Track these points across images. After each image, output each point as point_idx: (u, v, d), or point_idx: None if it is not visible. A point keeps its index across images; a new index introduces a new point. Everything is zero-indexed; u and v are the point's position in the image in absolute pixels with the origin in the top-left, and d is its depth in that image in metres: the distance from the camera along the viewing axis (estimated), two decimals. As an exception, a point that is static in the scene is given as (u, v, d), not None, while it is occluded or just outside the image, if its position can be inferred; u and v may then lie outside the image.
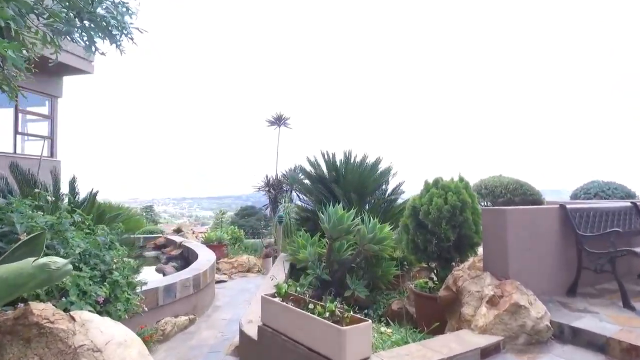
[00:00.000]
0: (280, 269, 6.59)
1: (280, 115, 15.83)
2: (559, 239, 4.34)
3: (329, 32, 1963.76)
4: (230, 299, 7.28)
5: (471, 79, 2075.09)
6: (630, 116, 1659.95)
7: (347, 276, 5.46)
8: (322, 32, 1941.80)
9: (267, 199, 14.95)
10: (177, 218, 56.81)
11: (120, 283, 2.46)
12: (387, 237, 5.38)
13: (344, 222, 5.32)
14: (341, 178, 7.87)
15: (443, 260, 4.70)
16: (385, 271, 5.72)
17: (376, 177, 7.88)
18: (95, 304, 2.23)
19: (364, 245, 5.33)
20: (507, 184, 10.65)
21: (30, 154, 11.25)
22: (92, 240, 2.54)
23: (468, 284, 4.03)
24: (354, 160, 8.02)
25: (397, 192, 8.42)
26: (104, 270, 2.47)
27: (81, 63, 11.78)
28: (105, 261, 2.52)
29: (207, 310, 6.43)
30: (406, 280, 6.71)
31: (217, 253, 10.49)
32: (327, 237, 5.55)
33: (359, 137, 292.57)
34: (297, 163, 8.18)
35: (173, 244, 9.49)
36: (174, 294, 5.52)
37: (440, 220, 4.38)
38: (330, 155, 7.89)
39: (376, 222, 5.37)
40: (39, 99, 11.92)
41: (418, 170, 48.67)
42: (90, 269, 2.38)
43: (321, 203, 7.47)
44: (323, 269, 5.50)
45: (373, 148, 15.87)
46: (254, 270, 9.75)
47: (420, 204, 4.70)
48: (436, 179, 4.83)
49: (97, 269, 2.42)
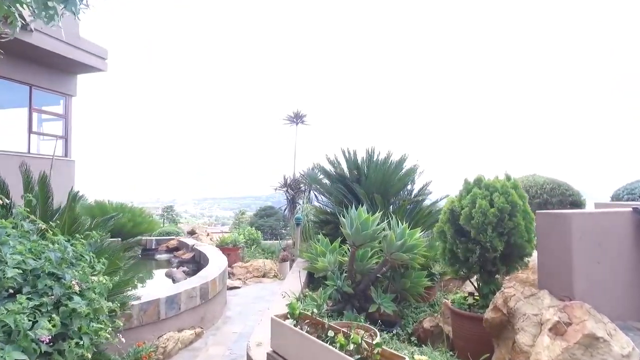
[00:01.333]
0: (297, 278, 5.93)
1: (298, 112, 15.19)
2: (634, 250, 3.53)
3: (348, 27, 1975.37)
4: (243, 308, 6.66)
5: (495, 75, 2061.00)
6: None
7: (372, 288, 4.75)
8: (341, 27, 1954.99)
9: (286, 200, 14.33)
10: (198, 218, 56.83)
11: (80, 312, 1.85)
12: (418, 244, 4.64)
13: (368, 227, 4.61)
14: (363, 177, 7.16)
15: (486, 274, 3.94)
16: (415, 282, 4.98)
17: (401, 176, 7.13)
18: (38, 344, 1.62)
19: (391, 254, 4.61)
20: (543, 184, 9.70)
21: (44, 154, 10.94)
22: (46, 255, 1.94)
23: (522, 305, 3.26)
24: (376, 158, 7.30)
25: (423, 192, 7.65)
26: (60, 296, 1.86)
27: (95, 61, 11.41)
28: (64, 283, 1.92)
29: (216, 322, 5.82)
30: (436, 292, 5.95)
31: (232, 256, 9.92)
32: (349, 244, 4.85)
33: (379, 135, 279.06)
34: (316, 162, 7.49)
35: (185, 246, 8.95)
36: (178, 305, 4.92)
37: (485, 226, 3.62)
38: (352, 152, 7.18)
39: (405, 227, 4.64)
40: (53, 97, 11.61)
41: (443, 170, 46.67)
42: (39, 296, 1.78)
43: (342, 204, 6.78)
44: (344, 280, 4.80)
45: (395, 146, 14.88)
46: (270, 275, 9.12)
47: (459, 207, 3.95)
48: (478, 176, 4.07)
49: (48, 294, 1.81)
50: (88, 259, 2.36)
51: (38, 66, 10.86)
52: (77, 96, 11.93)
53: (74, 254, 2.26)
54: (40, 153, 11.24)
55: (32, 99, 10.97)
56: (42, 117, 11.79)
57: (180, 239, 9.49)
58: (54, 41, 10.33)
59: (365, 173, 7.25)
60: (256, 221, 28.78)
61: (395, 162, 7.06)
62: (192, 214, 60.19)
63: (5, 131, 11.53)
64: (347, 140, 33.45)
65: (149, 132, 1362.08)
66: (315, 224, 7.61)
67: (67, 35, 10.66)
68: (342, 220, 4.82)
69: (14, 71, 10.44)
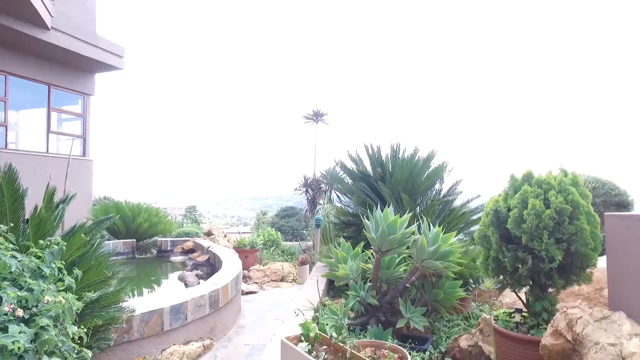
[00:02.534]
0: (315, 284, 5.37)
1: (318, 110, 14.63)
2: None
3: (368, 24, 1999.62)
4: (258, 317, 6.15)
5: (524, 68, 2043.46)
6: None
7: (400, 300, 4.14)
8: (362, 24, 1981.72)
9: (306, 200, 13.80)
10: (220, 218, 57.23)
11: (13, 349, 1.34)
12: (453, 251, 4.01)
13: (396, 231, 4.00)
14: (387, 175, 6.54)
15: (537, 288, 3.27)
16: (448, 293, 4.33)
17: (429, 174, 6.48)
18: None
19: (422, 261, 3.99)
20: (585, 183, 8.80)
21: (63, 154, 10.76)
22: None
23: (593, 331, 2.60)
24: (402, 154, 6.66)
25: (453, 192, 6.97)
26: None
27: (112, 59, 11.18)
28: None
29: (228, 333, 5.32)
30: (470, 302, 5.28)
31: (249, 259, 9.45)
32: (373, 250, 4.25)
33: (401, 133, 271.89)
34: (338, 159, 6.91)
35: (201, 248, 8.53)
36: (184, 315, 4.43)
37: (539, 231, 2.97)
38: (375, 148, 6.57)
39: (439, 231, 4.02)
40: (71, 97, 11.44)
41: (471, 168, 44.82)
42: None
43: (365, 205, 6.18)
44: (368, 290, 4.20)
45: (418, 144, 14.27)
46: (288, 279, 8.59)
47: (504, 208, 3.30)
48: (528, 171, 3.40)
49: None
50: (49, 271, 1.87)
51: (56, 65, 10.69)
52: (95, 95, 11.73)
53: (29, 268, 1.77)
54: (59, 153, 11.07)
55: (51, 98, 10.80)
56: (61, 116, 11.65)
57: (195, 241, 9.08)
58: (72, 39, 10.11)
59: (390, 171, 6.63)
60: (277, 222, 28.46)
61: (423, 158, 6.41)
62: (215, 214, 60.68)
63: (25, 131, 11.44)
64: (368, 138, 32.18)
65: (169, 131, 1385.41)
66: (336, 226, 7.03)
67: (84, 33, 10.44)
68: (365, 222, 4.23)
69: (33, 71, 10.29)
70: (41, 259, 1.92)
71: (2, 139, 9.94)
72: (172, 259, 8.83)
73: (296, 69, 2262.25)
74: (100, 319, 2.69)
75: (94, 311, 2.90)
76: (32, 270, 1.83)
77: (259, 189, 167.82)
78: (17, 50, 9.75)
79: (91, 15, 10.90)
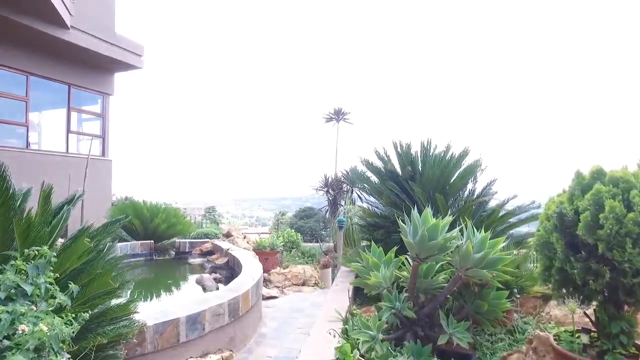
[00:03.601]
0: (340, 292, 4.94)
1: (339, 109, 14.17)
2: None
3: (388, 23, 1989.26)
4: (280, 324, 5.74)
5: (557, 62, 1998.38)
6: None
7: (440, 313, 3.66)
8: (382, 23, 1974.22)
9: (326, 201, 13.35)
10: (239, 219, 57.22)
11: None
12: (503, 258, 3.51)
13: (437, 236, 3.52)
14: (417, 174, 6.05)
15: (612, 305, 2.75)
16: (493, 305, 3.83)
17: (463, 173, 5.96)
18: None
19: (466, 270, 3.50)
20: None
21: (82, 154, 10.60)
22: None
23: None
24: (433, 151, 6.16)
25: (488, 192, 6.42)
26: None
27: (131, 58, 10.98)
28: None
29: (248, 343, 4.92)
30: (512, 313, 4.74)
31: (269, 261, 9.06)
32: (410, 256, 3.78)
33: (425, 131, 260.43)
34: (363, 157, 6.45)
35: (220, 250, 8.19)
36: (202, 325, 4.05)
37: (621, 238, 2.46)
38: (405, 145, 6.09)
39: (486, 236, 3.52)
40: (91, 97, 11.30)
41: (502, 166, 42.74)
42: None
43: (394, 206, 5.71)
44: (404, 301, 3.73)
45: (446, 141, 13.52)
46: (310, 282, 8.16)
47: (570, 210, 2.79)
48: (597, 168, 2.88)
49: None
50: (31, 289, 1.49)
51: (76, 65, 10.55)
52: (114, 95, 11.57)
53: (6, 286, 1.40)
54: (79, 153, 10.94)
55: (71, 98, 10.66)
56: (82, 116, 11.53)
57: (214, 242, 8.75)
58: (91, 38, 9.94)
59: (420, 170, 6.14)
60: (296, 222, 28.08)
61: (457, 155, 5.90)
62: (234, 215, 60.80)
63: (47, 132, 11.36)
64: (391, 137, 31.48)
65: (187, 131, 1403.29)
66: (362, 228, 6.56)
67: (103, 32, 10.26)
68: (402, 226, 3.76)
69: (53, 71, 10.16)
70: (23, 274, 1.55)
71: (24, 139, 9.83)
72: (190, 260, 8.53)
73: (317, 66, 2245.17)
74: (105, 337, 2.31)
75: (99, 327, 2.53)
76: (9, 289, 1.46)
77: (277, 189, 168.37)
78: (38, 50, 9.62)
79: (110, 14, 10.74)
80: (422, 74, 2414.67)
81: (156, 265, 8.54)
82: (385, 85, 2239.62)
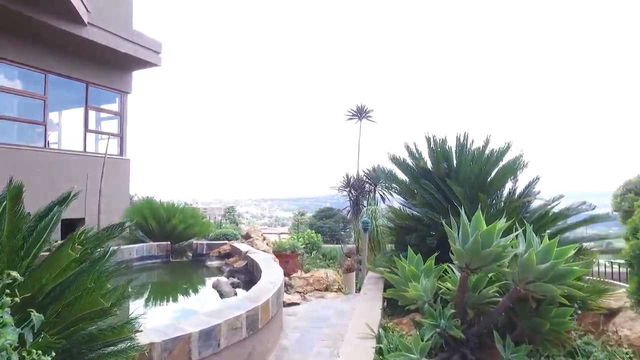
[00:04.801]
0: (369, 300, 4.39)
1: (362, 106, 13.57)
2: None
3: (409, 19, 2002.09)
4: (303, 335, 5.22)
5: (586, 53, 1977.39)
6: None
7: (495, 333, 3.07)
8: (403, 20, 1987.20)
9: (348, 201, 12.78)
10: (259, 219, 57.20)
11: None
12: (573, 270, 2.90)
13: (492, 243, 2.94)
14: (453, 172, 5.45)
15: None
16: (556, 324, 3.21)
17: (504, 170, 5.33)
18: None
19: (526, 283, 2.91)
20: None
21: (100, 153, 10.34)
22: None
23: None
24: (470, 146, 5.54)
25: (530, 192, 5.75)
26: None
27: (149, 55, 10.67)
28: None
29: (268, 357, 4.42)
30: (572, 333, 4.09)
31: (290, 264, 8.56)
32: (458, 266, 3.20)
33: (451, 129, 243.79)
34: (391, 153, 5.88)
35: (238, 253, 7.74)
36: (217, 341, 3.56)
37: None
38: (438, 140, 5.49)
39: (553, 243, 2.92)
40: (109, 95, 11.05)
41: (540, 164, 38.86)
42: None
43: (429, 207, 5.13)
44: (449, 318, 3.16)
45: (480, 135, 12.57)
46: (333, 288, 7.63)
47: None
48: None
49: None
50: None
51: (94, 63, 10.29)
52: (132, 93, 11.30)
53: None
54: (97, 152, 10.69)
55: (89, 96, 10.42)
56: (100, 115, 11.30)
57: (233, 244, 8.30)
58: (109, 35, 9.65)
59: (455, 167, 5.53)
60: (315, 223, 27.61)
61: (498, 151, 5.27)
62: (253, 215, 60.83)
63: (67, 131, 11.17)
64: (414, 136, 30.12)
65: (206, 129, 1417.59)
66: (392, 231, 5.97)
67: (121, 29, 9.97)
68: (448, 230, 3.19)
69: (70, 68, 9.92)
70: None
71: (42, 139, 9.62)
72: (207, 263, 8.11)
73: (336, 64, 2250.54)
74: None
75: (90, 352, 2.06)
76: None
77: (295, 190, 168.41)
78: (55, 47, 9.39)
79: (128, 11, 10.46)
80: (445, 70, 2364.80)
81: (172, 268, 8.15)
82: (406, 83, 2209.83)
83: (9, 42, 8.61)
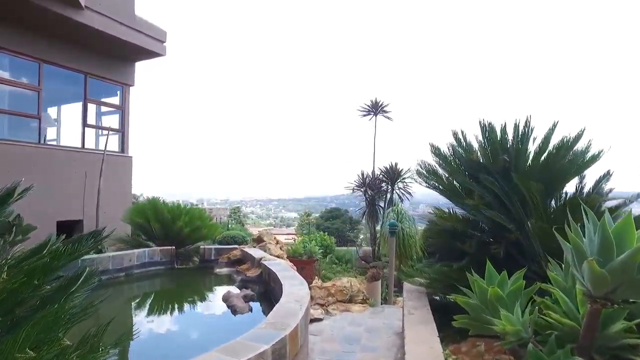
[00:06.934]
0: (418, 325, 3.41)
1: (377, 101, 12.57)
2: None
3: (425, 16, 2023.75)
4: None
5: None
6: None
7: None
8: (419, 16, 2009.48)
9: (364, 201, 11.76)
10: (264, 219, 56.23)
11: None
12: None
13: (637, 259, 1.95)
14: (512, 165, 4.46)
15: None
16: None
17: (576, 164, 4.34)
18: None
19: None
20: None
21: (99, 150, 9.40)
22: None
23: None
24: (530, 135, 4.55)
25: (601, 188, 4.75)
26: None
27: (152, 44, 9.71)
28: None
29: (297, 399, 3.44)
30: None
31: (306, 271, 7.58)
32: (586, 295, 2.20)
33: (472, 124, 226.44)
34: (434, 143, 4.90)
35: (250, 260, 6.76)
36: (236, 388, 2.59)
37: None
38: (495, 128, 4.49)
39: None
40: (110, 88, 10.10)
41: None
42: None
43: (489, 207, 4.13)
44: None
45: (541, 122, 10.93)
46: (358, 299, 6.62)
47: None
48: None
49: None
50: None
51: (93, 52, 9.33)
52: (135, 86, 10.35)
53: None
54: (97, 148, 9.75)
55: (87, 88, 9.47)
56: (101, 110, 10.36)
57: (244, 249, 7.32)
58: (108, 20, 8.68)
59: (514, 159, 4.54)
60: (322, 223, 26.54)
61: (570, 140, 4.27)
62: (259, 215, 59.91)
63: (66, 127, 10.24)
64: (430, 135, 28.22)
65: (212, 127, 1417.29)
66: (434, 235, 4.97)
67: (121, 14, 9.01)
68: (575, 242, 2.19)
69: (67, 58, 8.95)
70: None
71: (36, 134, 8.67)
72: (216, 270, 7.13)
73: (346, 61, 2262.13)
74: None
75: None
76: None
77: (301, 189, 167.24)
78: (50, 34, 8.45)
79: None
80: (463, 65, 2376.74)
81: (177, 276, 7.19)
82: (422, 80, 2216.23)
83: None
